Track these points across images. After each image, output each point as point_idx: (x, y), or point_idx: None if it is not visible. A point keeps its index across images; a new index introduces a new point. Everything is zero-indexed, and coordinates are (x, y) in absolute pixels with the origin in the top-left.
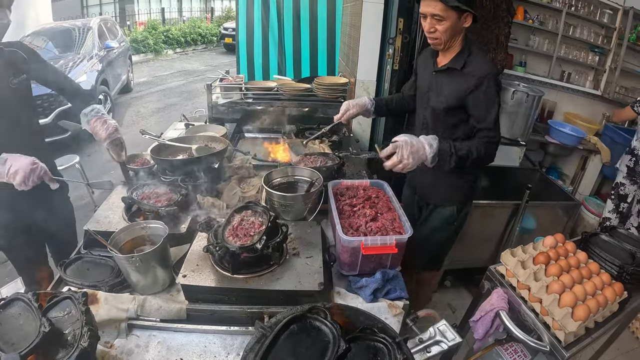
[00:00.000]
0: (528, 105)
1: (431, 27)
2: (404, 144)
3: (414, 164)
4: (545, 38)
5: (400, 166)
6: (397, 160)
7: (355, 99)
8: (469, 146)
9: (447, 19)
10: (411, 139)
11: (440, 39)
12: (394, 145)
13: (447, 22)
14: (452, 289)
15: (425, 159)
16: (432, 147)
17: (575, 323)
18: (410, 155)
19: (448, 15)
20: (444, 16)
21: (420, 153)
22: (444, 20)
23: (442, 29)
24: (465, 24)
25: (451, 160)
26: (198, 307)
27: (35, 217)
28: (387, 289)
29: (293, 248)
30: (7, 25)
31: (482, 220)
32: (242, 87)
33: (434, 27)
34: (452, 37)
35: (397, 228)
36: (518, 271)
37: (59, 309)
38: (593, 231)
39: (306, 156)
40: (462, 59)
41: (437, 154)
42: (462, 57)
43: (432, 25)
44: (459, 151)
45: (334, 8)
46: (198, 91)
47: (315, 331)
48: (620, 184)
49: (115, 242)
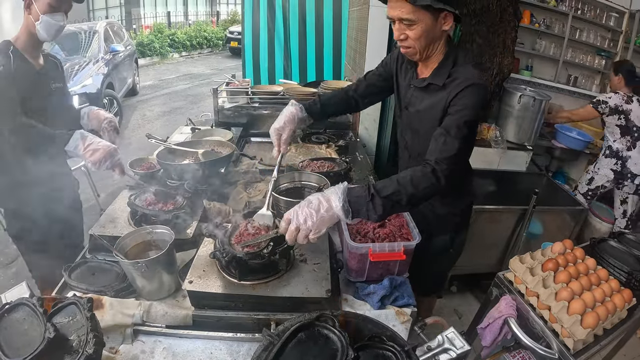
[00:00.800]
0: (535, 109)
1: (400, 34)
2: (297, 207)
3: (319, 225)
4: (551, 42)
5: (300, 235)
6: (293, 228)
7: (281, 117)
8: (399, 181)
9: (418, 23)
10: (310, 197)
11: (414, 48)
12: (287, 214)
13: (419, 26)
14: (458, 295)
15: (333, 215)
16: (338, 198)
17: (584, 330)
18: (309, 217)
19: (419, 17)
20: (414, 19)
21: (323, 209)
22: (414, 24)
23: (414, 35)
24: (444, 26)
25: (375, 205)
26: (204, 314)
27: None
28: (394, 296)
29: (300, 254)
30: (63, 28)
31: (489, 226)
32: (249, 91)
33: (403, 33)
34: (429, 44)
35: (405, 234)
36: (526, 278)
37: (64, 314)
38: (601, 237)
39: (313, 161)
40: (445, 71)
41: (350, 203)
42: (445, 68)
43: (401, 32)
44: (382, 192)
45: (339, 12)
46: (203, 95)
47: (323, 339)
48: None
49: (120, 247)
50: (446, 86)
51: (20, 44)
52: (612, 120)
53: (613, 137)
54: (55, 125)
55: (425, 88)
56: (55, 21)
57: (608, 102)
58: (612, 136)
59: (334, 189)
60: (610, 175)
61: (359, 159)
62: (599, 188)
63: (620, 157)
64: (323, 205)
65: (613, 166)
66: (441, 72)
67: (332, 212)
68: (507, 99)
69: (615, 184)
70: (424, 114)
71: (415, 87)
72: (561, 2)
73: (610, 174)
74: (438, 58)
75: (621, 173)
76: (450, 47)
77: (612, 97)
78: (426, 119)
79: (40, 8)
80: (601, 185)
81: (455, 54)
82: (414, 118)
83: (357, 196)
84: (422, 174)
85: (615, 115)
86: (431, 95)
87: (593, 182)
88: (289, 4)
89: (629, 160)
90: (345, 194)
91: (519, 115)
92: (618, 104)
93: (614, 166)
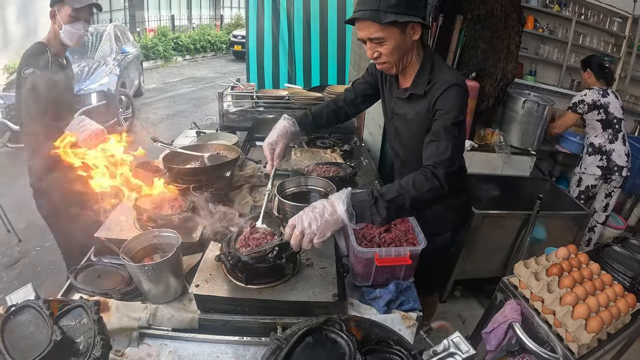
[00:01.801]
0: (538, 114)
1: (374, 52)
2: (302, 212)
3: (323, 230)
4: (555, 47)
5: (305, 240)
6: (297, 233)
7: (274, 132)
8: (402, 185)
9: (388, 39)
10: (314, 203)
11: (389, 63)
12: (292, 220)
13: (389, 42)
14: (462, 299)
15: (338, 219)
16: (342, 202)
17: (588, 335)
18: (313, 221)
19: (388, 34)
20: (383, 37)
21: (327, 214)
22: (384, 41)
23: (386, 51)
24: (414, 36)
25: (378, 208)
26: (210, 317)
27: None
28: (400, 301)
29: (307, 259)
30: (84, 35)
31: (493, 231)
32: (254, 95)
33: (376, 51)
34: (402, 56)
35: (410, 239)
36: (531, 283)
37: (71, 317)
38: (605, 242)
39: (318, 165)
40: (425, 79)
41: (353, 207)
42: (424, 76)
43: (373, 50)
44: (386, 195)
45: (344, 16)
46: (207, 98)
47: (331, 343)
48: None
49: (127, 250)
50: (427, 93)
51: (53, 47)
52: (592, 116)
53: (594, 132)
54: None
55: (408, 98)
56: (75, 30)
57: (585, 100)
58: (593, 132)
59: (338, 194)
60: (597, 172)
61: (364, 164)
62: (589, 188)
63: (605, 152)
64: (327, 210)
65: (599, 162)
66: (420, 80)
67: (337, 216)
68: (511, 104)
69: (604, 180)
70: (410, 123)
71: (398, 98)
72: (565, 8)
73: (597, 171)
74: (415, 67)
75: (608, 167)
76: (426, 53)
77: (588, 94)
78: (413, 128)
79: (63, 19)
80: (591, 184)
81: (431, 59)
82: (400, 127)
83: (360, 200)
84: (424, 177)
85: (594, 111)
86: (414, 104)
87: (582, 182)
88: (293, 8)
89: (613, 154)
90: (349, 198)
91: (523, 120)
92: (595, 99)
93: (600, 162)
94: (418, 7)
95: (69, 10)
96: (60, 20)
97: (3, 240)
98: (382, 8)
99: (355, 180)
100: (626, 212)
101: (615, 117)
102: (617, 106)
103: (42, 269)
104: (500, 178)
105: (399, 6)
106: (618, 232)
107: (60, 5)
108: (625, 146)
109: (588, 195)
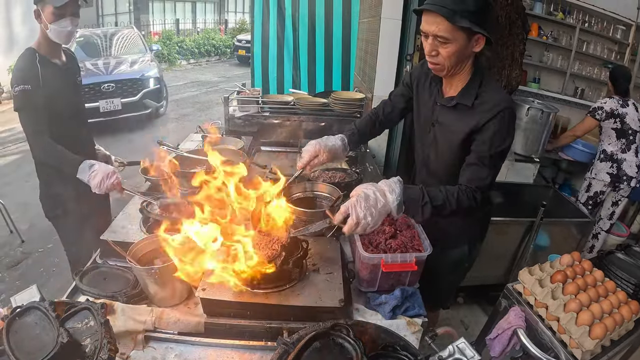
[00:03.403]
0: (542, 122)
1: (432, 50)
2: (355, 201)
3: (377, 220)
4: (559, 54)
5: (359, 229)
6: (353, 223)
7: (327, 141)
8: (448, 195)
9: (453, 42)
10: (366, 191)
11: (443, 65)
12: (345, 207)
13: (453, 45)
14: (465, 306)
15: (388, 210)
16: (394, 193)
17: (592, 341)
18: (368, 213)
19: (455, 37)
20: (450, 38)
21: (380, 205)
22: (449, 42)
23: (446, 53)
24: (475, 47)
25: (424, 210)
26: (216, 321)
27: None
28: (405, 306)
29: (313, 264)
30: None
31: (496, 237)
32: (259, 100)
33: (435, 50)
34: (458, 63)
35: (416, 245)
36: (535, 289)
37: (77, 319)
38: (609, 249)
39: (324, 171)
40: (473, 92)
41: (403, 203)
42: (473, 88)
43: (433, 48)
44: (434, 200)
45: (349, 23)
46: (211, 102)
47: (338, 348)
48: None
49: (133, 253)
50: (475, 107)
51: (43, 49)
52: (608, 124)
53: (608, 140)
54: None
55: (454, 107)
56: (62, 28)
57: (604, 107)
58: (608, 139)
59: (389, 185)
60: (607, 179)
61: (369, 170)
62: (597, 194)
63: (615, 160)
64: (380, 202)
65: (609, 169)
66: (469, 92)
67: (388, 208)
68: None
69: (612, 187)
70: (451, 132)
71: (442, 105)
72: (569, 15)
73: (607, 178)
74: (463, 77)
75: (617, 176)
76: (477, 67)
77: (607, 102)
78: (455, 139)
79: (47, 18)
80: (599, 190)
81: (481, 74)
82: (440, 136)
83: (412, 198)
84: (466, 197)
85: (611, 119)
86: (460, 115)
87: (591, 188)
88: (298, 14)
89: (624, 163)
90: (401, 191)
91: (527, 127)
92: (613, 108)
93: (610, 169)
94: (488, 23)
95: (52, 8)
96: (44, 19)
97: (6, 241)
98: (459, 11)
99: None
100: (629, 219)
101: (630, 128)
102: (635, 118)
103: (44, 270)
104: (503, 185)
105: (475, 15)
106: (621, 239)
107: (42, 4)
108: (638, 158)
109: (596, 201)
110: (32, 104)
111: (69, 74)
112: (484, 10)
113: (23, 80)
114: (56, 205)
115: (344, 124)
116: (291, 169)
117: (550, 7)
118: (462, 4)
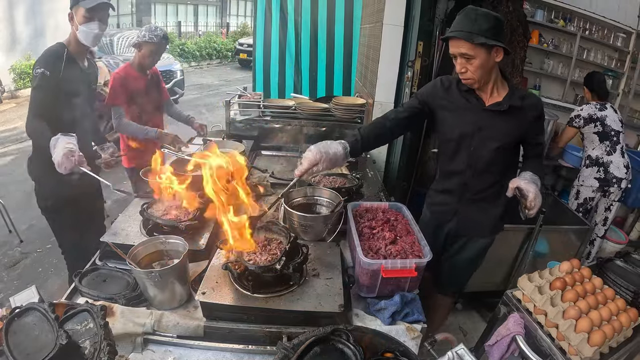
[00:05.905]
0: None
1: (462, 67)
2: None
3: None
4: (559, 61)
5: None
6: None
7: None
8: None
9: (476, 57)
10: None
11: (474, 78)
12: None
13: (476, 60)
14: (463, 312)
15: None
16: (537, 184)
17: (591, 348)
18: (537, 197)
19: (476, 53)
20: (473, 54)
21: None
22: (473, 58)
23: (473, 68)
24: (497, 58)
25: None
26: (216, 325)
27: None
28: (405, 312)
29: (313, 269)
30: (100, 35)
31: (495, 244)
32: (261, 104)
33: (465, 67)
34: (485, 74)
35: (416, 251)
36: (535, 296)
37: (76, 321)
38: (608, 257)
39: (325, 177)
40: (518, 94)
41: None
42: (518, 92)
43: (462, 66)
44: (541, 178)
45: (351, 28)
46: (212, 105)
47: (338, 353)
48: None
49: (133, 255)
50: (524, 108)
51: (72, 48)
52: (589, 129)
53: (592, 145)
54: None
55: (505, 111)
56: (90, 30)
57: (581, 114)
58: (591, 145)
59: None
60: (595, 184)
61: (370, 175)
62: (587, 201)
63: (602, 164)
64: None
65: (596, 174)
66: (515, 95)
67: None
68: None
69: (602, 193)
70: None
71: (490, 111)
72: (569, 23)
73: (595, 183)
74: (498, 84)
75: (605, 179)
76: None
77: (584, 108)
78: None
79: (78, 20)
80: (588, 197)
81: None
82: (488, 140)
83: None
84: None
85: (591, 124)
86: (510, 117)
87: (580, 195)
88: (301, 19)
89: (610, 166)
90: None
91: None
92: (591, 113)
93: (597, 174)
94: (502, 35)
95: (83, 11)
96: (76, 21)
97: (5, 241)
98: (475, 31)
99: (361, 191)
100: (628, 226)
101: (612, 129)
102: (615, 119)
103: (43, 270)
104: None
105: (489, 32)
106: (620, 246)
107: (76, 8)
108: (624, 158)
109: (586, 208)
110: (45, 88)
111: (87, 79)
112: (495, 26)
113: (46, 64)
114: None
115: (345, 129)
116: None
117: (551, 14)
118: (476, 25)
